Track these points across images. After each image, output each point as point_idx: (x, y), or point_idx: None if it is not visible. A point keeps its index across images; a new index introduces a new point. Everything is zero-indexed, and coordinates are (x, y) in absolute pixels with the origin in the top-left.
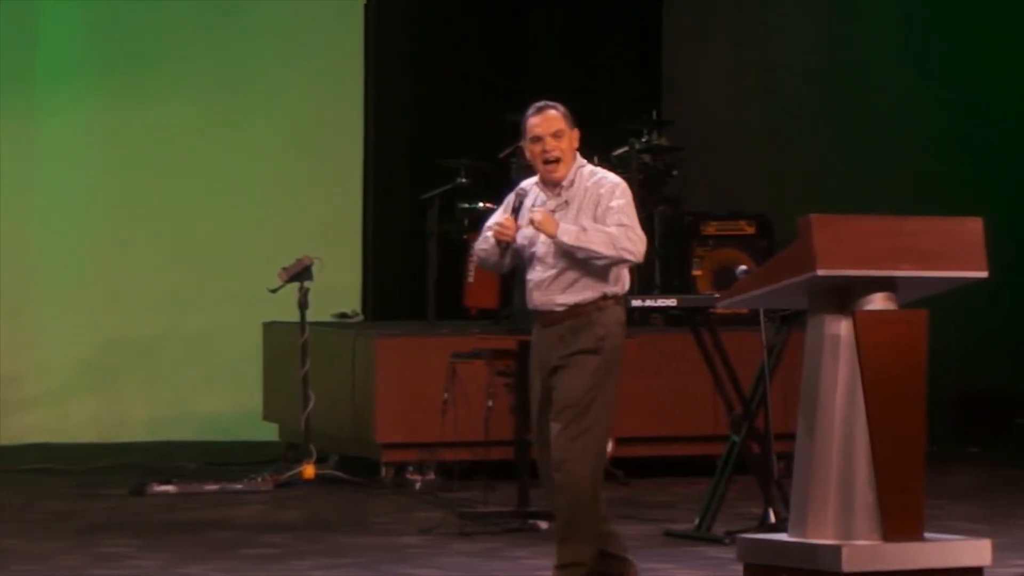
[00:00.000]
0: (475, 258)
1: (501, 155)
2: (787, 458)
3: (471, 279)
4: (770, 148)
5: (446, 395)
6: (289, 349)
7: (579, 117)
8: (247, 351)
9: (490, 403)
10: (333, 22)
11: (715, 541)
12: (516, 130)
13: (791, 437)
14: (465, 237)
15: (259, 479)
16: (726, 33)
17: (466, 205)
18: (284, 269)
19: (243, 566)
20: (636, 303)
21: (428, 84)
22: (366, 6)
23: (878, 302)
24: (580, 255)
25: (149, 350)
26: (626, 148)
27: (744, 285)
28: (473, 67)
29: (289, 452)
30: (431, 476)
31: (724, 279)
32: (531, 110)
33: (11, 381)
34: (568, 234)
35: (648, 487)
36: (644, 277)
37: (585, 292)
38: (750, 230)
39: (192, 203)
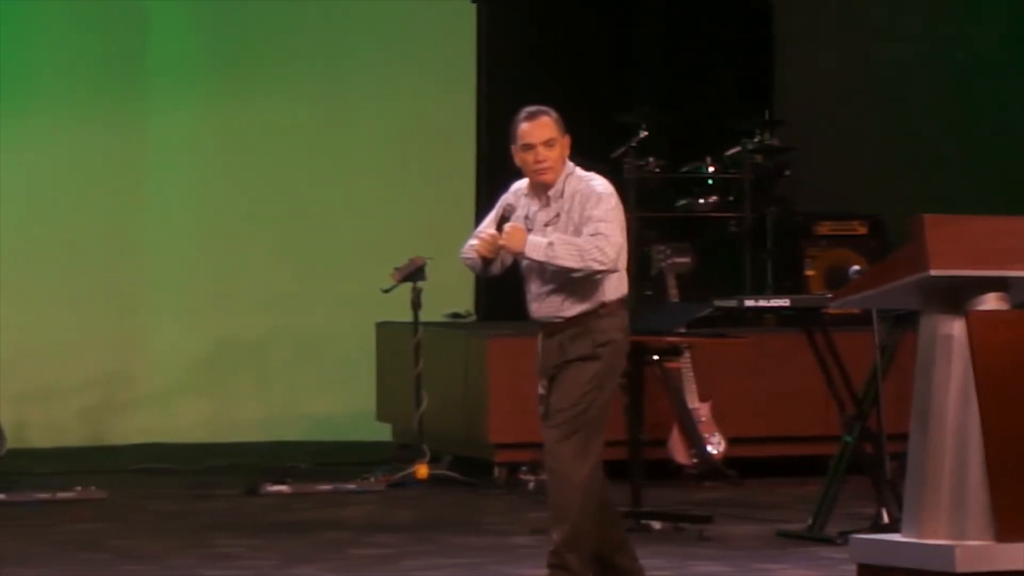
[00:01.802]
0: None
1: (614, 155)
2: (900, 458)
3: None
4: (882, 148)
5: None
6: (402, 349)
7: (690, 118)
8: (359, 351)
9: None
10: (446, 20)
11: (828, 541)
12: (627, 130)
13: (904, 437)
14: None
15: (372, 479)
16: (837, 32)
17: None
18: (397, 269)
19: (354, 566)
20: (749, 303)
21: (539, 84)
22: (478, 5)
23: (991, 302)
24: (551, 269)
25: (261, 350)
26: (738, 148)
27: (857, 285)
28: (583, 67)
29: (402, 452)
30: (544, 476)
31: (836, 279)
32: (522, 115)
33: (123, 381)
34: (536, 250)
35: (760, 487)
36: (757, 277)
37: (582, 303)
38: (862, 230)
39: (304, 202)
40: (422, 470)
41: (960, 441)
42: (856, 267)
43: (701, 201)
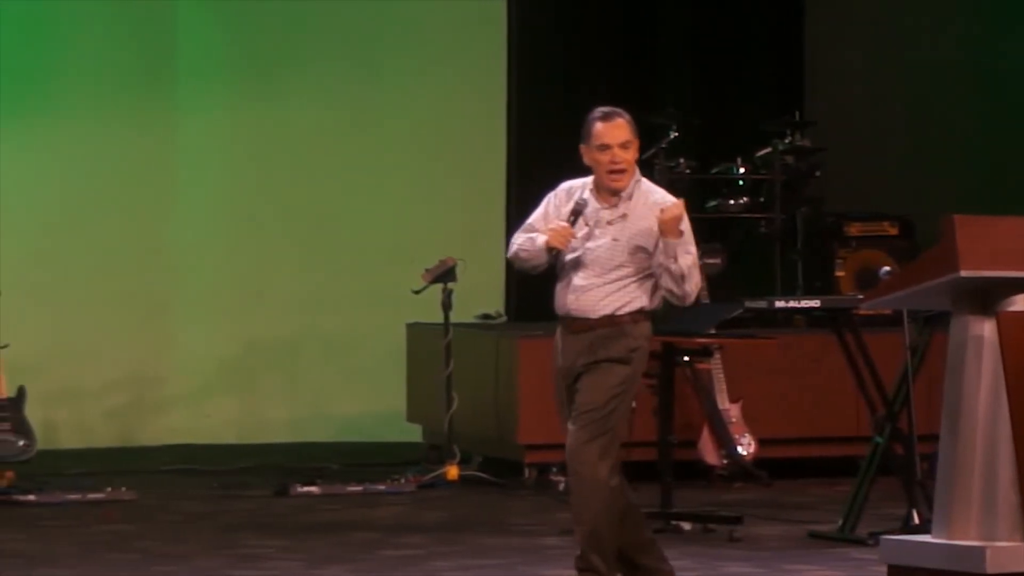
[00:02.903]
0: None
1: (644, 156)
2: (930, 459)
3: None
4: (913, 148)
5: None
6: (432, 350)
7: (721, 119)
8: (389, 352)
9: (633, 404)
10: (476, 22)
11: (858, 542)
12: (658, 131)
13: (934, 438)
14: None
15: (402, 480)
16: (868, 33)
17: None
18: (427, 270)
19: (384, 567)
20: (779, 304)
21: (569, 84)
22: (508, 5)
23: (1021, 303)
24: (675, 272)
25: (290, 351)
26: (768, 149)
27: (887, 286)
28: (614, 67)
29: (432, 453)
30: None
31: (867, 280)
32: (597, 115)
33: (151, 382)
34: (686, 258)
35: (790, 488)
36: (787, 278)
37: (625, 303)
38: (893, 231)
39: (333, 203)
40: (452, 471)
41: (990, 442)
42: (886, 268)
43: (731, 202)
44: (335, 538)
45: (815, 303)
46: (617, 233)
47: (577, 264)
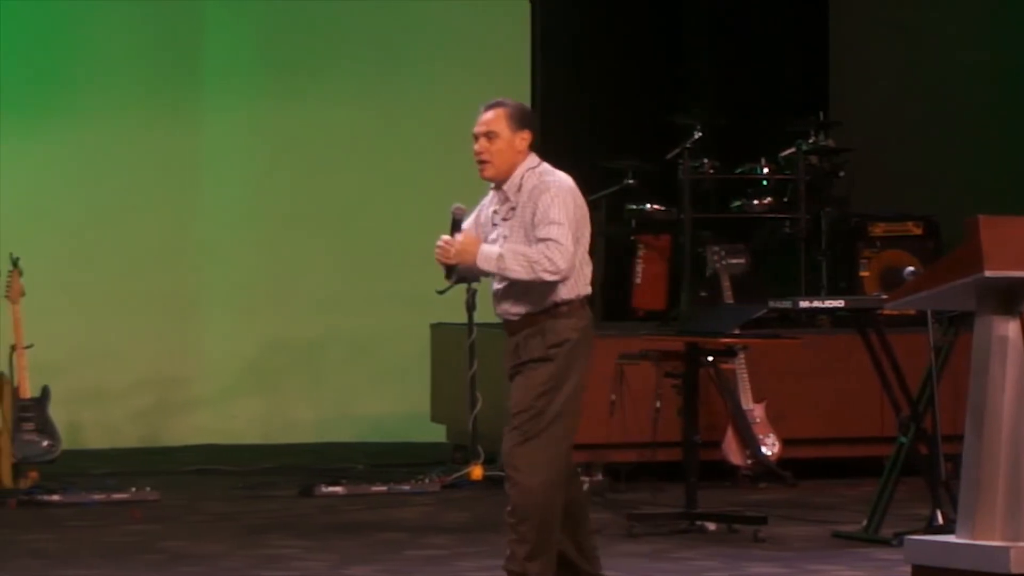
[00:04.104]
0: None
1: (668, 156)
2: (955, 459)
3: (639, 280)
4: (937, 149)
5: (613, 397)
6: (456, 351)
7: (745, 119)
8: (413, 352)
9: (658, 404)
10: (499, 23)
11: (883, 542)
12: (682, 131)
13: (959, 438)
14: (632, 238)
15: (426, 480)
16: (893, 33)
17: (633, 206)
18: None
19: (409, 567)
20: (804, 304)
21: (593, 85)
22: (533, 5)
23: None
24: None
25: (314, 351)
26: (793, 150)
27: (912, 286)
28: (638, 68)
29: (457, 453)
30: (599, 477)
31: (891, 280)
32: (482, 105)
33: (177, 382)
34: (487, 262)
35: (815, 488)
36: (811, 279)
37: (536, 302)
38: (917, 231)
39: (358, 204)
40: (476, 471)
41: (1015, 442)
42: (911, 268)
43: (756, 202)
44: (360, 538)
45: (840, 303)
46: (509, 230)
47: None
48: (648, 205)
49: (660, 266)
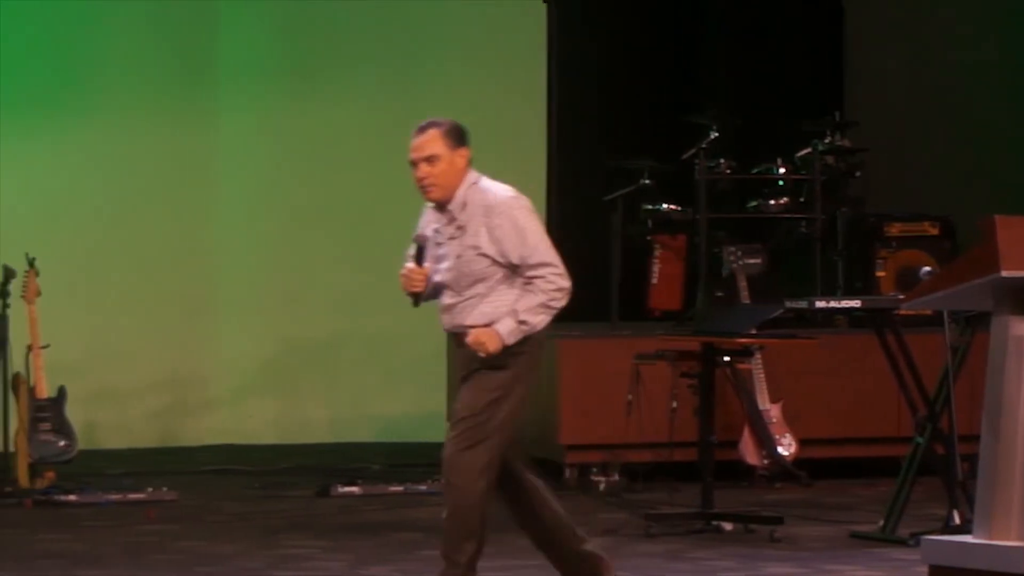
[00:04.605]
0: None
1: (684, 156)
2: (971, 459)
3: (655, 281)
4: (953, 148)
5: (630, 396)
6: None
7: (761, 119)
8: (429, 352)
9: (674, 404)
10: (515, 22)
11: (900, 543)
12: (698, 131)
13: (976, 438)
14: (649, 238)
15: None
16: (908, 33)
17: (650, 207)
18: None
19: (426, 567)
20: (820, 304)
21: (610, 84)
22: (548, 5)
23: None
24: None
25: (330, 351)
26: (809, 150)
27: (928, 286)
28: (654, 68)
29: None
30: (615, 477)
31: (908, 280)
32: (414, 129)
33: (193, 383)
34: (514, 335)
35: (831, 488)
36: (827, 279)
37: (494, 313)
38: (933, 231)
39: (373, 204)
40: None
41: None
42: (927, 268)
43: (772, 202)
44: (376, 539)
45: (856, 303)
46: (459, 248)
47: (440, 284)
48: (664, 205)
49: (676, 266)
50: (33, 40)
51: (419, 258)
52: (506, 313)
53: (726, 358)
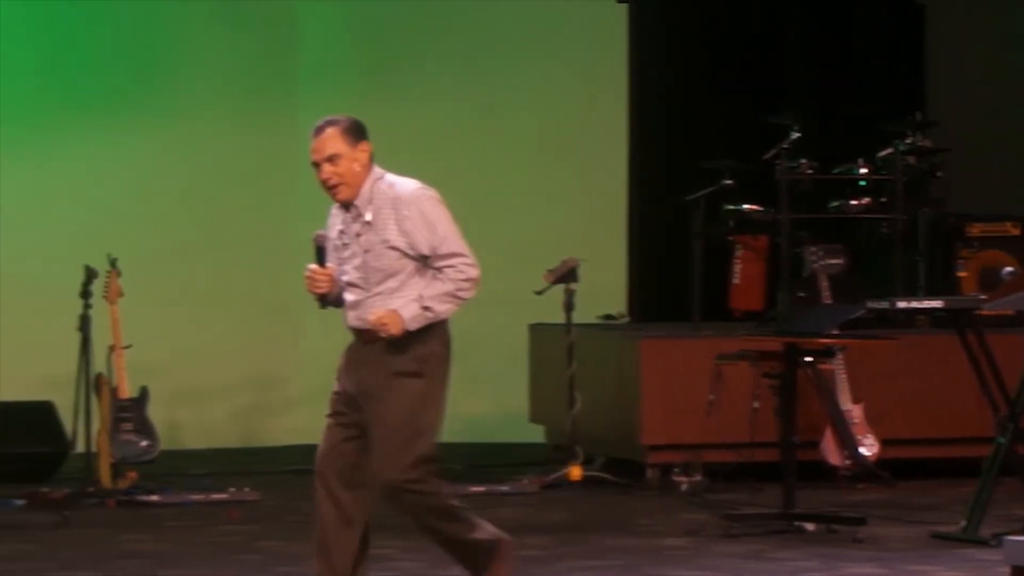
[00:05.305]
0: None
1: (765, 156)
2: None
3: (736, 281)
4: None
5: (711, 397)
6: (555, 351)
7: (842, 119)
8: (512, 353)
9: (756, 404)
10: (596, 21)
11: (981, 543)
12: (779, 132)
13: None
14: (730, 239)
15: (525, 481)
16: (989, 32)
17: (731, 207)
18: (550, 271)
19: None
20: (901, 305)
21: (689, 84)
22: (628, 5)
23: None
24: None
25: None
26: (890, 150)
27: (1010, 286)
28: (734, 68)
29: (555, 454)
30: (697, 477)
31: (989, 280)
32: (312, 130)
33: (275, 382)
34: (417, 320)
35: (914, 489)
36: (908, 279)
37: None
38: (1015, 232)
39: (455, 204)
40: (575, 472)
41: None
42: (1009, 268)
43: (853, 203)
44: None
45: (938, 303)
46: (367, 243)
47: (351, 281)
48: (745, 205)
49: (758, 266)
50: (113, 41)
51: (320, 259)
52: (412, 299)
53: (808, 358)
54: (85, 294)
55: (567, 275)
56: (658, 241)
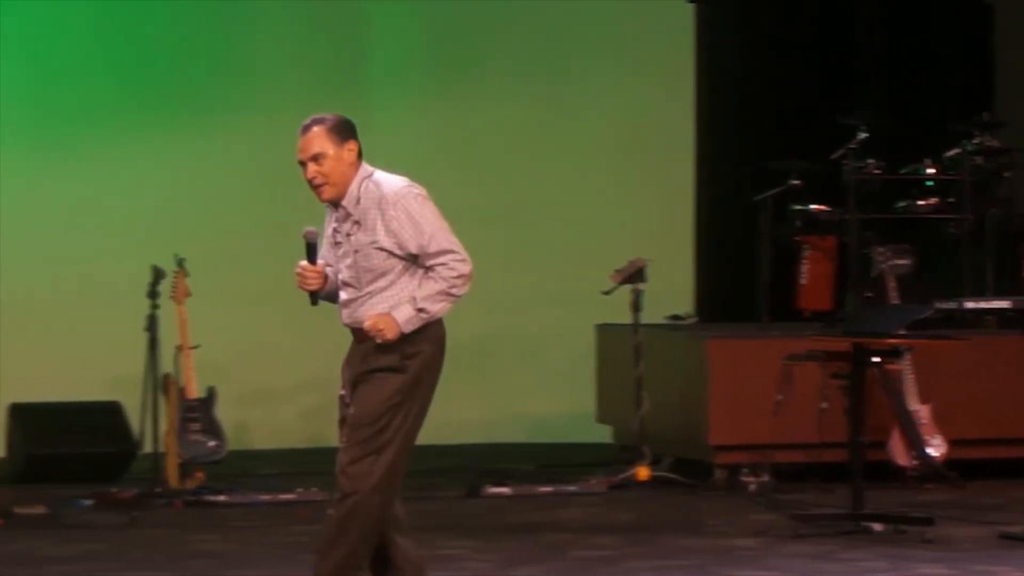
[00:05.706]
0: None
1: (833, 157)
2: None
3: (804, 281)
4: None
5: (780, 397)
6: (622, 351)
7: (910, 119)
8: (579, 353)
9: (824, 405)
10: (664, 21)
11: None
12: (847, 132)
13: None
14: (798, 239)
15: (593, 481)
16: None
17: (799, 207)
18: (617, 271)
19: (575, 568)
20: (969, 305)
21: (757, 84)
22: (696, 5)
23: None
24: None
25: (481, 352)
26: (957, 150)
27: None
28: (802, 68)
29: (623, 454)
30: (765, 478)
31: None
32: (299, 129)
33: None
34: (411, 323)
35: (982, 489)
36: (976, 279)
37: (393, 309)
38: None
39: (524, 204)
40: (643, 472)
41: None
42: None
43: (921, 203)
44: (527, 539)
45: (1006, 304)
46: (356, 243)
47: (344, 280)
48: (813, 206)
49: (826, 266)
50: (185, 40)
51: (310, 256)
52: (405, 300)
53: (876, 359)
54: (153, 294)
55: (634, 275)
56: (726, 241)
